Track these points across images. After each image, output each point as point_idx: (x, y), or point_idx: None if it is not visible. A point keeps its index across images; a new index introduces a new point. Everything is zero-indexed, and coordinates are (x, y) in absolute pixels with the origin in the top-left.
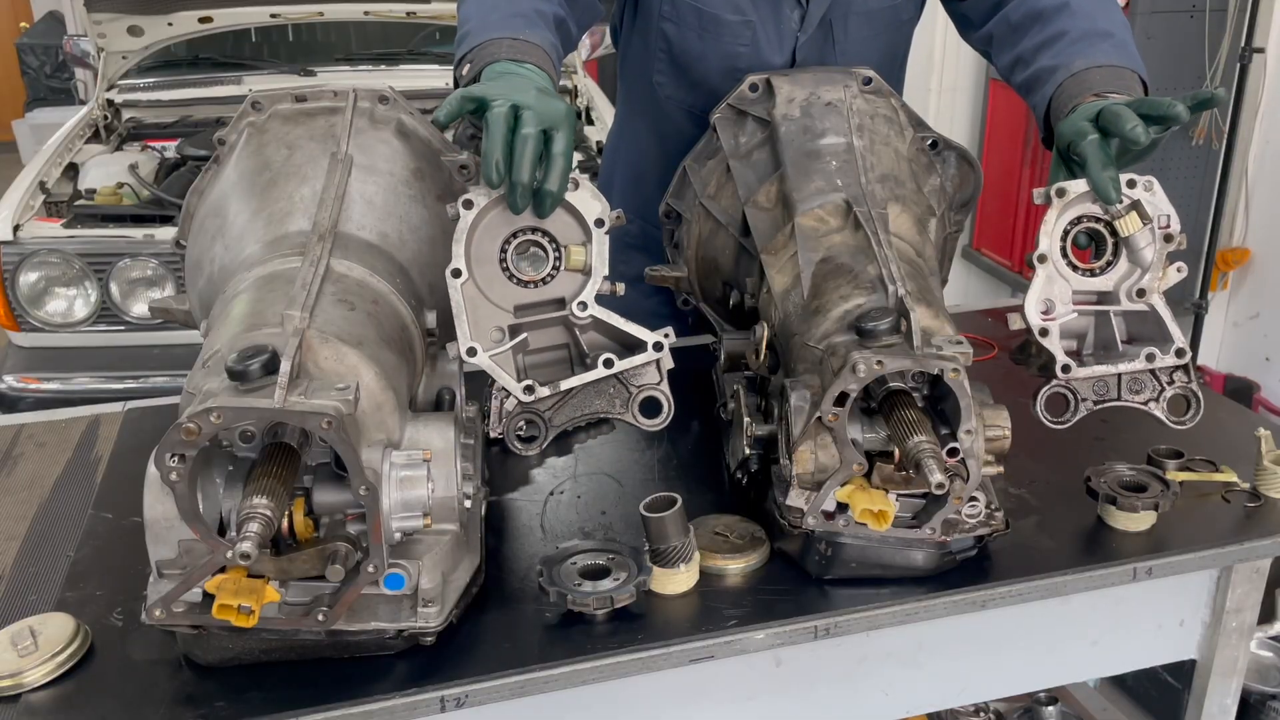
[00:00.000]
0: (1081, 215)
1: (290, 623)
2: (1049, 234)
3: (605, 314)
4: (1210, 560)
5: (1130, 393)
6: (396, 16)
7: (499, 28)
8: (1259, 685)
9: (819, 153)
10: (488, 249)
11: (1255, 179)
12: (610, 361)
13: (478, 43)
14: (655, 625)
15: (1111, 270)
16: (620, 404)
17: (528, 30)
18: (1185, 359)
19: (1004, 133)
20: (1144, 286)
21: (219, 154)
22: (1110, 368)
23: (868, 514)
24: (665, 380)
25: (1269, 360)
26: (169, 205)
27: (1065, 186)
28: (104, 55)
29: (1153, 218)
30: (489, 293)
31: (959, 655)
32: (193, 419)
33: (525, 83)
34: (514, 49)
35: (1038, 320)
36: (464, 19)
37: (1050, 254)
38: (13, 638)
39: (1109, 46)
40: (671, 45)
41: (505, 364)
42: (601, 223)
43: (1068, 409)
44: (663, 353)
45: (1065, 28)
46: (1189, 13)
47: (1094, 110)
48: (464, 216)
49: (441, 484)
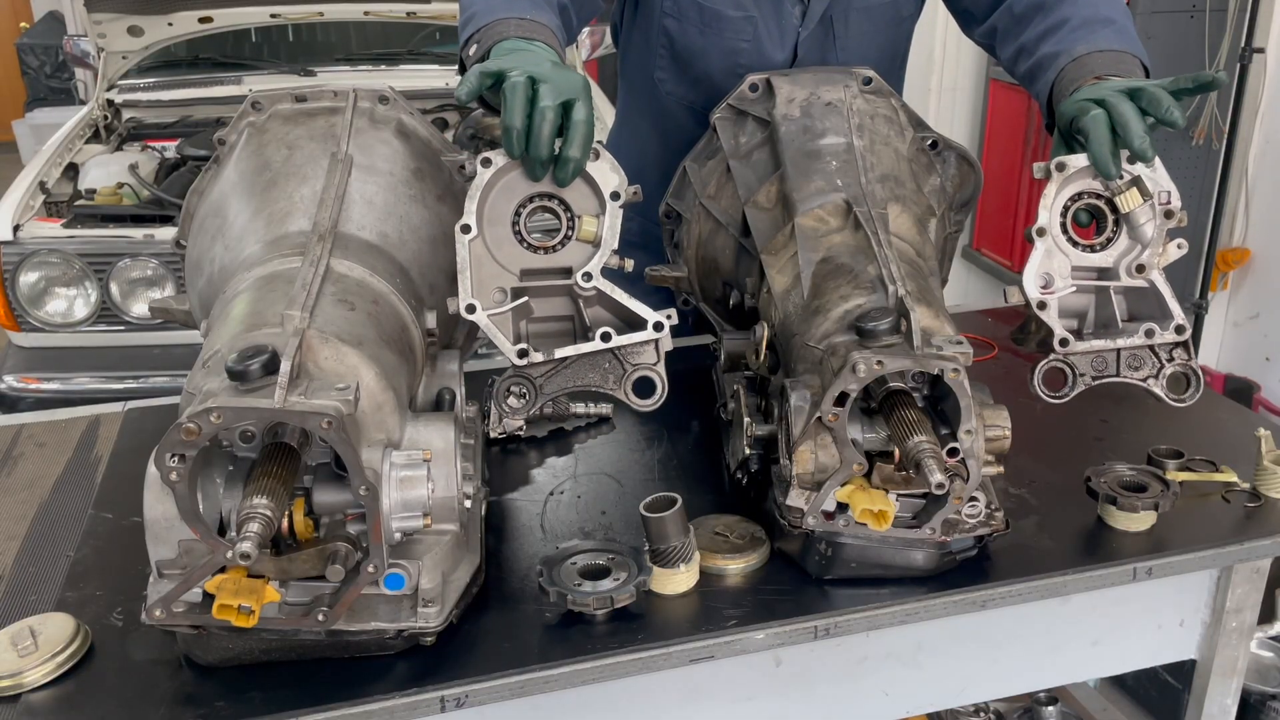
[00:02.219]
0: (1082, 191)
1: (290, 623)
2: (1048, 208)
3: (609, 287)
4: (1210, 560)
5: (1129, 369)
6: (396, 16)
7: (505, 8)
8: (1259, 685)
9: (819, 153)
10: (501, 210)
11: (1255, 179)
12: (608, 335)
13: (485, 23)
14: (655, 625)
15: (1112, 246)
16: (614, 380)
17: (534, 11)
18: (1185, 335)
19: (1004, 133)
20: (1144, 263)
21: (219, 154)
22: (1109, 342)
23: (868, 514)
24: (662, 361)
25: (1269, 360)
26: (169, 205)
27: (1065, 161)
28: (104, 55)
29: (1153, 194)
30: (496, 253)
31: (959, 655)
32: (193, 419)
33: (538, 58)
34: (522, 27)
35: (1036, 294)
36: (467, 4)
37: (1050, 228)
38: (13, 638)
39: (1110, 33)
40: (673, 41)
41: (503, 325)
42: (617, 195)
43: (1065, 384)
44: (663, 333)
45: (1067, 15)
46: (1189, 13)
47: (1099, 92)
48: (480, 174)
49: (441, 484)
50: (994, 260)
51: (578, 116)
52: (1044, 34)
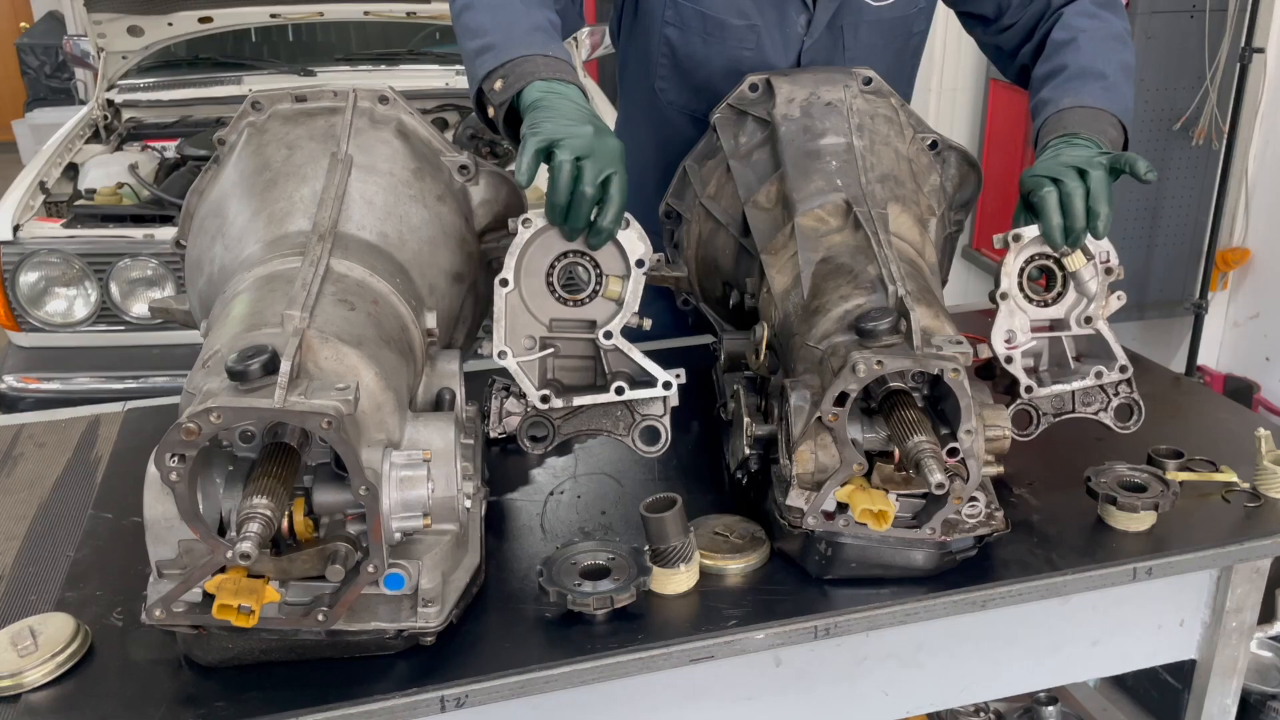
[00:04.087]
0: (1035, 254)
1: (290, 623)
2: (1009, 274)
3: (627, 347)
4: (1210, 560)
5: (1083, 405)
6: (396, 16)
7: (525, 42)
8: (1259, 685)
9: (819, 153)
10: (537, 264)
11: (1255, 179)
12: (621, 389)
13: (509, 58)
14: (655, 625)
15: (1062, 301)
16: (624, 427)
17: (551, 45)
18: (1128, 374)
19: (1004, 133)
20: (1090, 314)
21: (219, 154)
22: (1066, 386)
23: (868, 514)
24: (668, 414)
25: (1269, 360)
26: (169, 205)
27: (1020, 233)
28: (104, 55)
29: (1095, 254)
30: (529, 303)
31: (959, 655)
32: (193, 419)
33: (576, 115)
34: (549, 67)
35: (1003, 350)
36: (478, 29)
37: (1010, 291)
38: (13, 638)
39: (1098, 88)
40: (675, 50)
41: (530, 371)
42: (642, 263)
43: (1031, 423)
44: (671, 391)
45: (1066, 63)
46: (1189, 13)
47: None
48: (521, 233)
49: (441, 484)
50: (994, 260)
51: (613, 190)
52: (1046, 76)
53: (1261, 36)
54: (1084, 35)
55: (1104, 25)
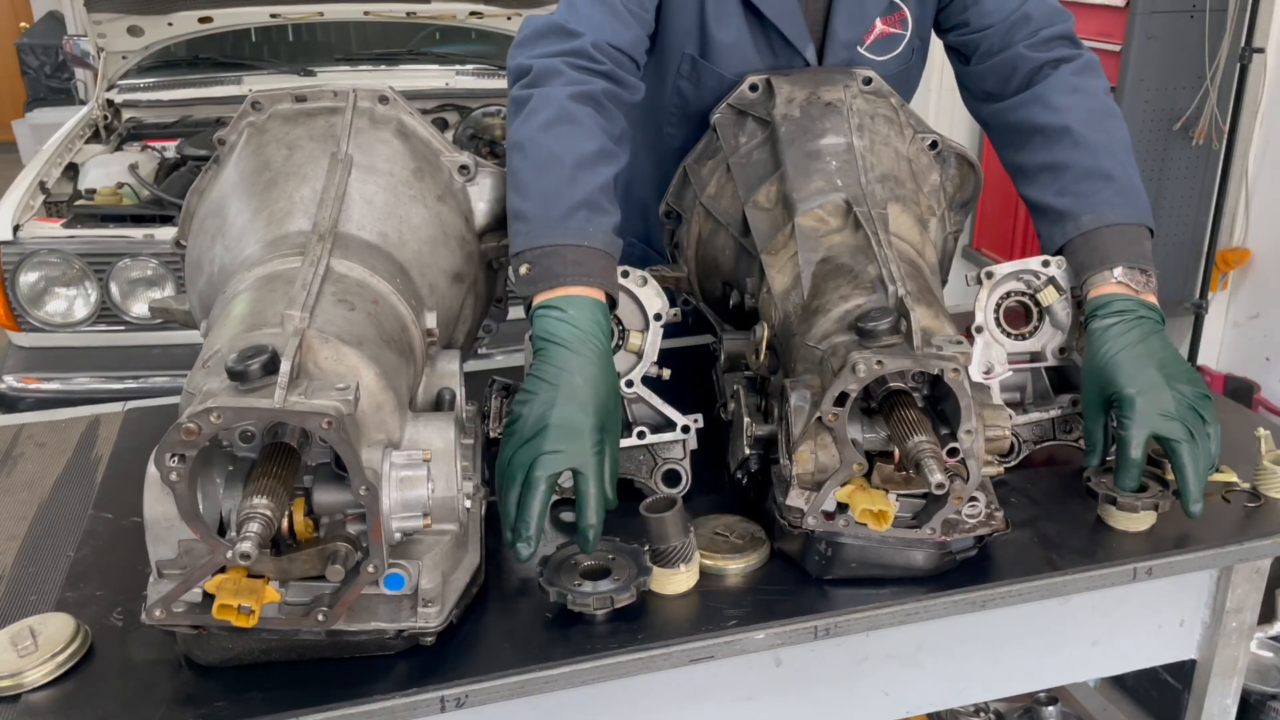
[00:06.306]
0: (1009, 291)
1: (290, 623)
2: (983, 309)
3: (648, 394)
4: (1210, 560)
5: (1062, 431)
6: (396, 16)
7: (561, 226)
8: (1259, 685)
9: (819, 153)
10: None
11: (1255, 179)
12: (643, 434)
13: (539, 245)
14: (655, 625)
15: (1038, 334)
16: (647, 470)
17: (591, 228)
18: None
19: None
20: (1064, 345)
21: (219, 154)
22: (1044, 414)
23: (868, 514)
24: (688, 458)
25: (1269, 360)
26: (169, 205)
27: (993, 270)
28: (104, 55)
29: (1066, 290)
30: None
31: (959, 655)
32: (193, 419)
33: (570, 385)
34: (579, 269)
35: (980, 379)
36: (521, 187)
37: (986, 325)
38: (13, 638)
39: (1112, 194)
40: (688, 104)
41: None
42: (660, 317)
43: (1013, 450)
44: (689, 434)
45: (1068, 161)
46: (1189, 13)
47: (1170, 428)
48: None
49: (441, 484)
50: (994, 260)
51: (589, 489)
52: (1045, 170)
53: (1261, 36)
54: (1073, 116)
55: (1088, 100)
